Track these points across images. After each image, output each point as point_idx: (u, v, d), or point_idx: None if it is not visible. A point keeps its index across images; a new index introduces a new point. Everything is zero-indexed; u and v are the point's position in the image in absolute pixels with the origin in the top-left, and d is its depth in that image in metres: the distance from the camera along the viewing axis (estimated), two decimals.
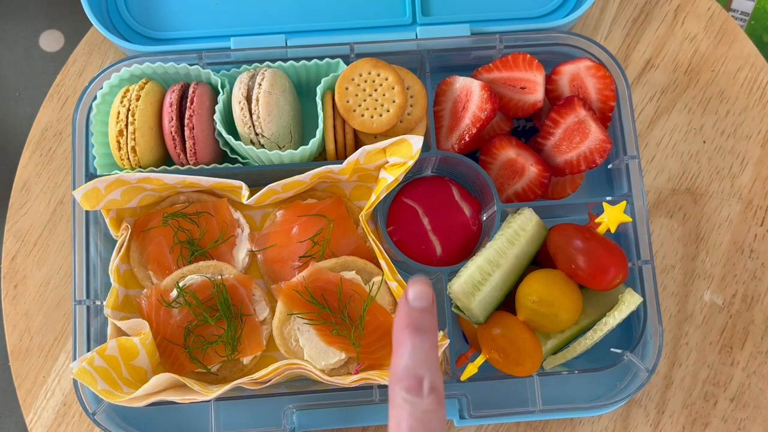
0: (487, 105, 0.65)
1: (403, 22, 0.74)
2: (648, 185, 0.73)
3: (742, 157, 0.74)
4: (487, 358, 0.60)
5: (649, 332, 0.64)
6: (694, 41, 0.77)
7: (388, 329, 0.65)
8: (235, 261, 0.67)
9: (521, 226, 0.62)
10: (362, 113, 0.65)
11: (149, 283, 0.66)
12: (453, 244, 0.68)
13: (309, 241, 0.66)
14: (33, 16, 0.82)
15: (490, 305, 0.61)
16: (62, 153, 0.74)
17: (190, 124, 0.63)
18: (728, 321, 0.71)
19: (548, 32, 0.69)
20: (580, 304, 0.60)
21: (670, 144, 0.74)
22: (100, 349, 0.59)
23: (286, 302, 0.64)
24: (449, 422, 0.68)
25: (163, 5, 0.75)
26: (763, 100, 0.75)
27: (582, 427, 0.69)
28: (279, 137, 0.64)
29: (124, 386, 0.59)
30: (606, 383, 0.67)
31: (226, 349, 0.63)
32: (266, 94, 0.62)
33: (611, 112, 0.68)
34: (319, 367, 0.63)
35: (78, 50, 0.76)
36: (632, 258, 0.66)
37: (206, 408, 0.64)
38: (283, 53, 0.68)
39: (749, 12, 0.89)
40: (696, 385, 0.70)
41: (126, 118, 0.63)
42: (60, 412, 0.69)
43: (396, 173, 0.62)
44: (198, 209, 0.67)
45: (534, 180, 0.66)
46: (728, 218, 0.73)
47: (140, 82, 0.65)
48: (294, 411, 0.64)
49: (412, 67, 0.69)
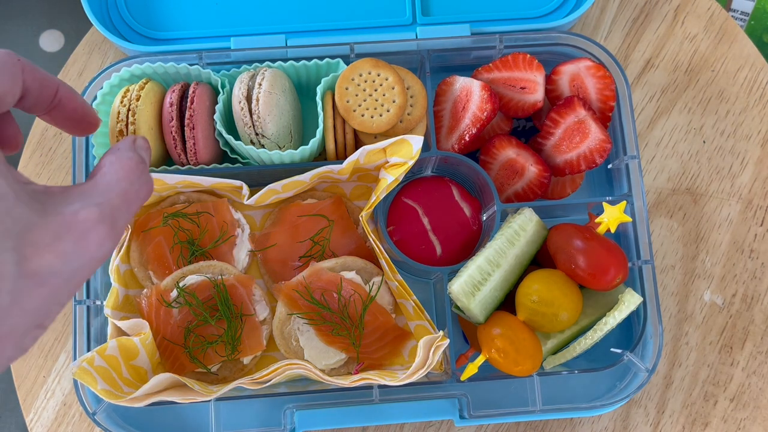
0: (487, 105, 0.65)
1: (403, 22, 0.74)
2: (648, 185, 0.73)
3: (742, 157, 0.74)
4: (487, 358, 0.60)
5: (649, 332, 0.64)
6: (694, 41, 0.77)
7: (388, 329, 0.65)
8: (236, 261, 0.67)
9: (521, 226, 0.62)
10: (362, 113, 0.65)
11: (149, 283, 0.66)
12: (453, 244, 0.68)
13: (309, 241, 0.67)
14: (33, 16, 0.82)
15: (490, 305, 0.61)
16: (62, 153, 0.74)
17: (191, 124, 0.63)
18: (728, 321, 0.71)
19: (548, 32, 0.69)
20: (580, 304, 0.60)
21: (670, 144, 0.74)
22: (100, 348, 0.58)
23: (286, 302, 0.64)
24: (449, 422, 0.69)
25: (164, 5, 0.75)
26: (763, 100, 0.75)
27: (582, 427, 0.69)
28: (279, 137, 0.64)
29: (125, 386, 0.59)
30: (606, 383, 0.67)
31: (226, 349, 0.63)
32: (266, 94, 0.62)
33: (611, 112, 0.68)
34: (319, 367, 0.63)
35: (78, 50, 0.76)
36: (632, 258, 0.66)
37: (206, 408, 0.64)
38: (283, 53, 0.68)
39: (749, 12, 0.89)
40: (696, 385, 0.70)
41: (126, 118, 0.63)
42: (60, 412, 0.69)
43: (396, 173, 0.62)
44: (198, 209, 0.67)
45: (534, 180, 0.66)
46: (728, 218, 0.73)
47: (140, 82, 0.65)
48: (294, 411, 0.64)
49: (412, 67, 0.69)
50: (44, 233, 0.33)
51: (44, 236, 0.33)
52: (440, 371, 0.64)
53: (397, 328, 0.66)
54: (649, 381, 0.67)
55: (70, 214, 0.34)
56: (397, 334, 0.66)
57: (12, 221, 0.32)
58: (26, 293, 0.32)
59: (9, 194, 0.32)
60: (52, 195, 0.35)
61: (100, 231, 0.35)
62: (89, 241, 0.34)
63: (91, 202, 0.35)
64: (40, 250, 0.32)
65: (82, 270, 0.34)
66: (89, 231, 0.34)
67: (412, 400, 0.64)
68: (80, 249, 0.34)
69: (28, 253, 0.32)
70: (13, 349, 0.32)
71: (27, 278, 0.32)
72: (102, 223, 0.35)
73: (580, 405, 0.64)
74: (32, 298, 0.32)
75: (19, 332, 0.32)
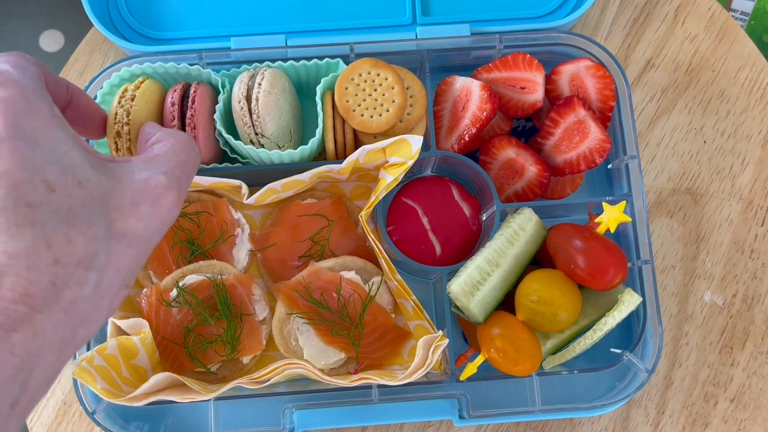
0: (486, 105, 0.65)
1: (403, 22, 0.74)
2: (648, 185, 0.73)
3: (742, 157, 0.74)
4: (487, 358, 0.60)
5: (649, 332, 0.64)
6: (695, 41, 0.76)
7: (388, 329, 0.65)
8: (235, 260, 0.67)
9: (521, 225, 0.62)
10: (362, 113, 0.65)
11: (149, 282, 0.66)
12: (453, 244, 0.68)
13: (309, 240, 0.67)
14: (33, 16, 0.82)
15: (489, 305, 0.61)
16: None
17: (192, 124, 0.63)
18: (728, 321, 0.71)
19: (548, 32, 0.69)
20: (580, 304, 0.60)
21: (670, 144, 0.74)
22: (99, 348, 0.59)
23: (286, 302, 0.64)
24: (449, 422, 0.69)
25: (164, 5, 0.75)
26: (764, 101, 0.75)
27: (581, 427, 0.69)
28: (279, 137, 0.64)
29: (124, 385, 0.59)
30: (606, 383, 0.67)
31: (226, 349, 0.63)
32: (266, 93, 0.62)
33: (611, 112, 0.68)
34: (318, 366, 0.63)
35: (79, 50, 0.76)
36: (632, 258, 0.66)
37: (206, 407, 0.64)
38: (283, 53, 0.68)
39: (749, 12, 0.89)
40: (696, 385, 0.70)
41: (123, 120, 0.62)
42: (60, 411, 0.69)
43: (396, 173, 0.62)
44: (198, 209, 0.67)
45: (534, 180, 0.66)
46: (728, 218, 0.73)
47: (137, 81, 0.64)
48: (293, 410, 0.64)
49: (412, 67, 0.69)
50: (123, 198, 0.35)
51: (123, 201, 0.35)
52: (439, 371, 0.64)
53: (396, 327, 0.66)
54: (649, 381, 0.67)
55: (143, 180, 0.37)
56: (397, 333, 0.66)
57: (94, 188, 0.34)
58: (118, 253, 0.34)
59: (84, 162, 0.34)
60: (120, 164, 0.37)
61: (170, 197, 0.38)
62: (162, 205, 0.37)
63: (159, 171, 0.38)
64: (124, 214, 0.35)
65: (157, 232, 0.37)
66: (161, 196, 0.37)
67: (411, 400, 0.64)
68: (155, 212, 0.37)
69: (115, 217, 0.35)
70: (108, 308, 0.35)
71: (117, 239, 0.34)
72: (171, 190, 0.38)
73: (579, 405, 0.64)
74: (123, 257, 0.35)
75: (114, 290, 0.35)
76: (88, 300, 0.33)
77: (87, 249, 0.32)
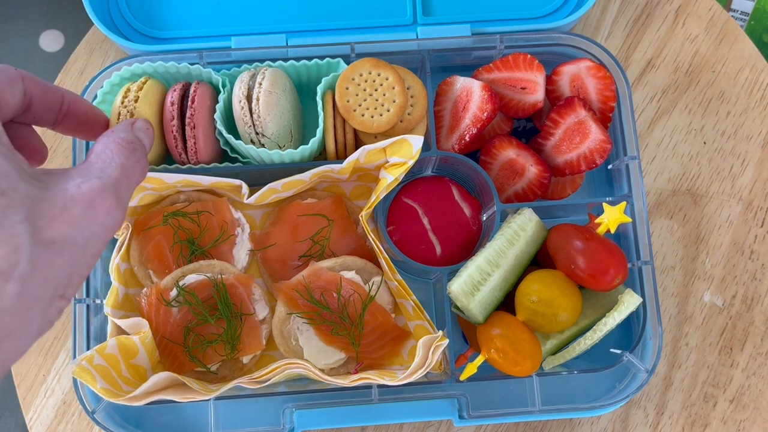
0: (487, 105, 0.65)
1: (403, 22, 0.74)
2: (648, 186, 0.73)
3: (742, 158, 0.74)
4: (487, 358, 0.60)
5: (649, 333, 0.64)
6: (695, 42, 0.77)
7: (388, 329, 0.65)
8: (235, 260, 0.67)
9: (521, 226, 0.62)
10: (362, 113, 0.65)
11: (149, 282, 0.66)
12: (453, 244, 0.68)
13: (309, 240, 0.67)
14: (33, 16, 0.82)
15: (489, 305, 0.61)
16: (63, 152, 0.74)
17: (192, 123, 0.63)
18: (728, 322, 0.71)
19: (549, 33, 0.69)
20: (580, 305, 0.60)
21: (670, 145, 0.74)
22: (99, 347, 0.59)
23: (286, 302, 0.64)
24: (449, 422, 0.69)
25: (164, 4, 0.75)
26: (764, 102, 0.75)
27: (581, 427, 0.69)
28: (279, 137, 0.64)
29: (124, 385, 0.59)
30: (605, 384, 0.67)
31: (226, 348, 0.63)
32: (267, 93, 0.62)
33: (611, 113, 0.68)
34: (318, 366, 0.63)
35: (79, 49, 0.76)
36: (632, 258, 0.66)
37: (206, 407, 0.64)
38: (284, 53, 0.68)
39: (749, 12, 0.89)
40: (695, 386, 0.70)
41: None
42: (60, 411, 0.69)
43: (396, 173, 0.62)
44: (198, 208, 0.67)
45: (534, 180, 0.66)
46: (728, 219, 0.73)
47: (140, 81, 0.64)
48: (293, 410, 0.64)
49: (413, 67, 0.69)
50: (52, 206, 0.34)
51: (53, 208, 0.34)
52: (439, 371, 0.64)
53: (396, 327, 0.66)
54: (649, 382, 0.67)
55: (75, 186, 0.36)
56: (397, 333, 0.66)
57: (19, 197, 0.33)
58: (46, 261, 0.33)
59: (12, 173, 0.34)
60: (53, 174, 0.37)
61: (105, 199, 0.37)
62: (97, 209, 0.36)
63: (92, 176, 0.37)
64: (52, 221, 0.34)
65: (95, 238, 0.36)
66: (95, 200, 0.36)
67: (411, 400, 0.64)
68: (90, 217, 0.36)
69: (41, 225, 0.33)
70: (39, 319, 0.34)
71: (44, 246, 0.33)
72: (106, 192, 0.37)
73: (579, 405, 0.64)
74: (52, 266, 0.33)
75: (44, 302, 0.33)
76: (10, 312, 0.31)
77: (7, 259, 0.31)
